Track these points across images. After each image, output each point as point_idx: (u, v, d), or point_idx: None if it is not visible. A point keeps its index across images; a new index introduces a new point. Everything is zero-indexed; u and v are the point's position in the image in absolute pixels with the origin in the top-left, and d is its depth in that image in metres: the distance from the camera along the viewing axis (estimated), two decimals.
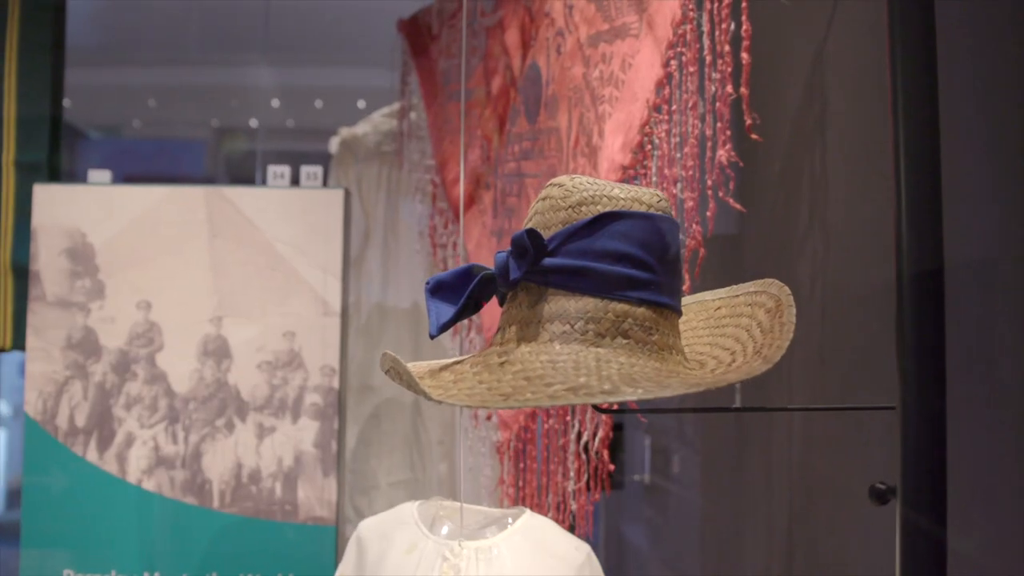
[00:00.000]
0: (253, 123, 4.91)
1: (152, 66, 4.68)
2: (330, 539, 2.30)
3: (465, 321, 2.50)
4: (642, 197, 1.10)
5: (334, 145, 3.08)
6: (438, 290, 1.15)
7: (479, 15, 2.27)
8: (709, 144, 1.55)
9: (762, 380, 1.87)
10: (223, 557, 2.28)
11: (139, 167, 5.06)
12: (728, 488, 2.37)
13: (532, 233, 1.06)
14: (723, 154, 1.52)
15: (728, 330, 1.20)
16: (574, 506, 1.88)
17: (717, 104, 1.53)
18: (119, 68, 4.70)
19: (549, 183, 1.16)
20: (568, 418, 1.90)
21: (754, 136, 1.49)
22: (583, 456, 1.85)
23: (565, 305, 1.05)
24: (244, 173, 4.72)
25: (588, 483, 1.84)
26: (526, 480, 2.05)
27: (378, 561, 1.64)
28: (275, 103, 4.90)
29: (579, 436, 1.86)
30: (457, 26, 2.41)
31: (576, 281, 1.05)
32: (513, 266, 1.07)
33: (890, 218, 1.44)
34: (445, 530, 1.67)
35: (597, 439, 1.78)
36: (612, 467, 1.78)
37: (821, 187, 1.67)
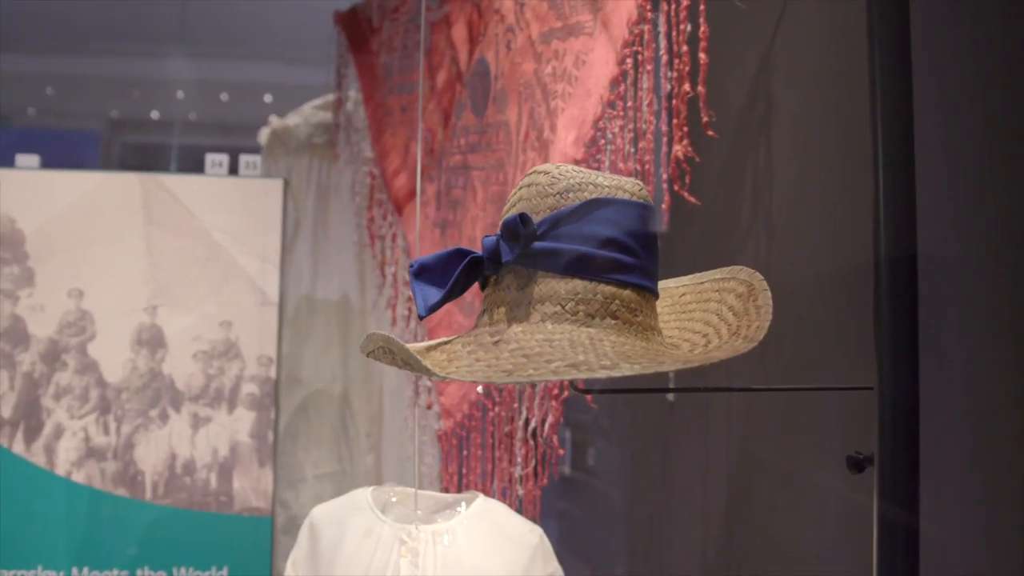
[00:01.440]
0: (155, 115, 4.81)
1: (48, 54, 4.54)
2: (266, 530, 2.29)
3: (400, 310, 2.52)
4: (625, 185, 1.14)
5: (264, 136, 3.05)
6: (422, 272, 1.18)
7: (424, 9, 2.29)
8: (665, 139, 1.61)
9: (699, 369, 1.95)
10: (155, 550, 2.25)
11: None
12: (657, 476, 2.44)
13: (524, 217, 1.09)
14: (679, 149, 1.58)
15: (696, 315, 1.25)
16: (521, 491, 1.92)
17: (674, 101, 1.59)
18: (11, 56, 4.53)
19: (533, 171, 1.19)
20: (515, 405, 1.94)
21: (710, 133, 1.56)
22: (531, 442, 1.89)
23: (555, 287, 1.09)
24: (144, 166, 4.61)
25: (536, 469, 1.88)
26: (470, 467, 2.08)
27: (333, 546, 1.65)
28: (180, 95, 4.81)
29: (527, 423, 1.90)
30: (400, 20, 2.43)
31: (565, 264, 1.09)
32: (505, 249, 1.10)
33: (834, 211, 1.53)
34: (400, 515, 1.69)
35: (547, 425, 1.83)
36: (561, 452, 1.83)
37: (766, 182, 1.75)
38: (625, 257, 1.10)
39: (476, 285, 1.19)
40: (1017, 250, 1.01)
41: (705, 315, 1.24)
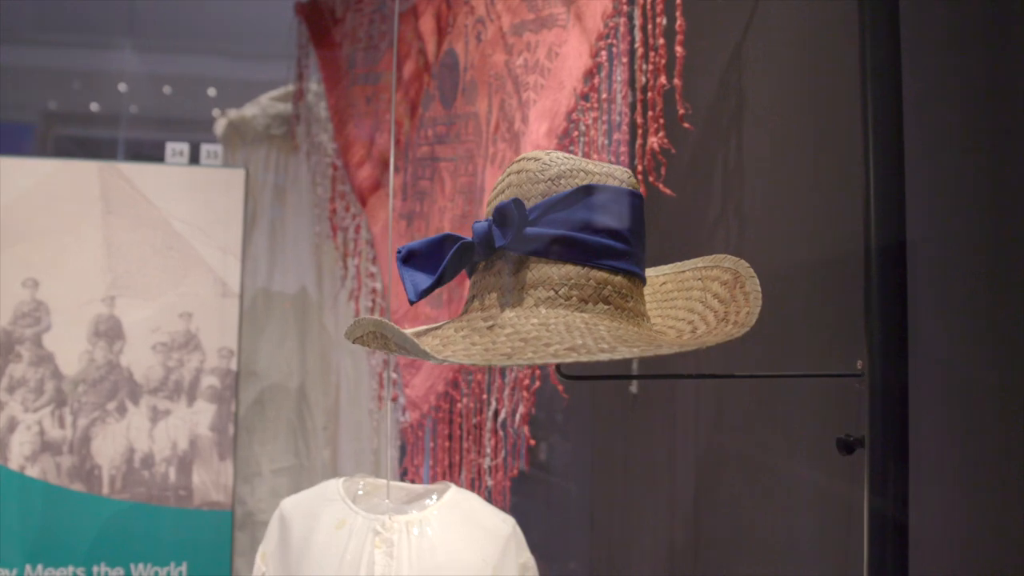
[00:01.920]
0: (94, 107, 4.72)
1: None
2: (226, 524, 2.26)
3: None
4: (614, 173, 1.15)
5: (220, 127, 3.00)
6: (410, 258, 1.17)
7: (390, 0, 2.28)
8: (640, 131, 1.63)
9: (667, 360, 1.97)
10: (112, 546, 2.20)
11: None
12: (619, 468, 2.46)
13: (518, 203, 1.09)
14: (655, 141, 1.59)
15: (679, 303, 1.27)
16: (490, 482, 1.92)
17: (649, 94, 1.60)
18: None
19: (521, 157, 1.19)
20: (484, 396, 1.94)
21: (686, 125, 1.57)
22: (500, 433, 1.89)
23: (548, 272, 1.09)
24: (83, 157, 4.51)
25: (506, 459, 1.88)
26: (436, 459, 2.08)
27: (305, 538, 1.64)
28: (122, 87, 4.72)
29: (496, 414, 1.90)
30: (364, 10, 2.41)
31: (558, 249, 1.09)
32: (498, 234, 1.10)
33: (804, 203, 1.55)
34: (371, 506, 1.67)
35: (518, 416, 1.83)
36: (533, 442, 1.83)
37: (736, 175, 1.77)
38: (616, 243, 1.11)
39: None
40: (993, 238, 1.04)
41: (688, 303, 1.25)
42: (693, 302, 1.24)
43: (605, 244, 1.10)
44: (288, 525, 1.67)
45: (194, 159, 2.35)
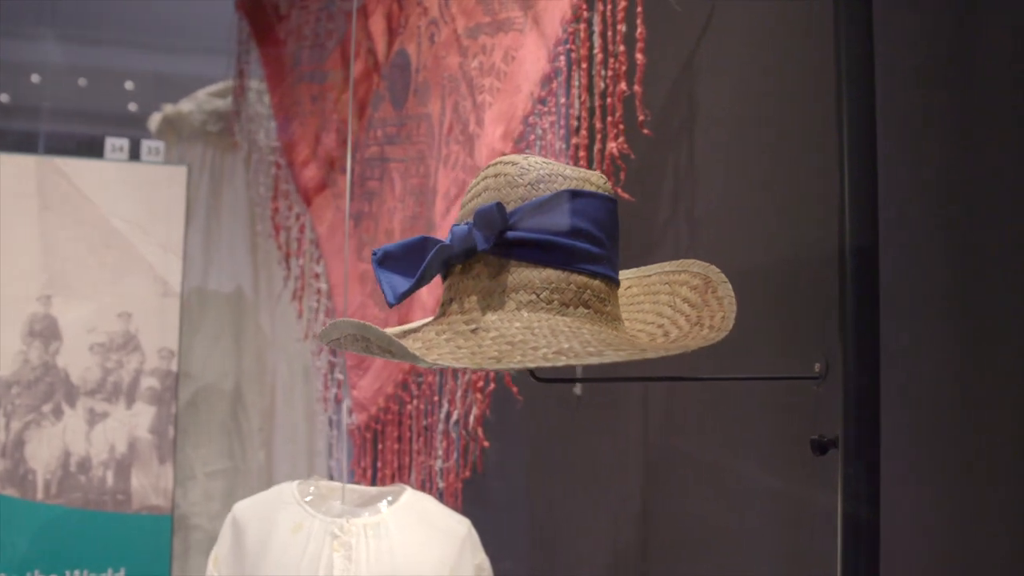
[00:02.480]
0: (3, 98, 4.57)
1: None
2: (165, 529, 2.21)
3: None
4: (590, 178, 1.17)
5: (155, 122, 2.94)
6: (385, 260, 1.17)
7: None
8: (599, 136, 1.65)
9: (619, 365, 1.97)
10: (47, 553, 2.14)
11: None
12: (562, 470, 2.48)
13: (499, 207, 1.10)
14: (614, 147, 1.61)
15: (646, 307, 1.29)
16: (441, 484, 1.93)
17: (609, 100, 1.62)
18: None
19: (497, 161, 1.20)
20: (436, 398, 1.94)
21: (646, 131, 1.60)
22: (452, 435, 1.90)
23: (529, 276, 1.10)
24: None
25: (457, 462, 1.89)
26: (385, 461, 2.07)
27: (261, 542, 1.62)
28: (35, 78, 4.58)
29: (448, 416, 1.90)
30: (310, 8, 2.39)
31: (539, 253, 1.10)
32: (480, 238, 1.10)
33: (757, 208, 1.59)
34: (326, 509, 1.67)
35: (472, 417, 1.83)
36: (486, 444, 1.84)
37: (688, 180, 1.80)
38: (594, 248, 1.13)
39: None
40: (957, 238, 1.09)
41: (656, 307, 1.27)
42: (661, 306, 1.26)
43: (584, 249, 1.11)
44: (242, 529, 1.65)
45: (134, 155, 2.30)
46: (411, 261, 1.16)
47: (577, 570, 2.21)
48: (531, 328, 1.05)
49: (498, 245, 1.11)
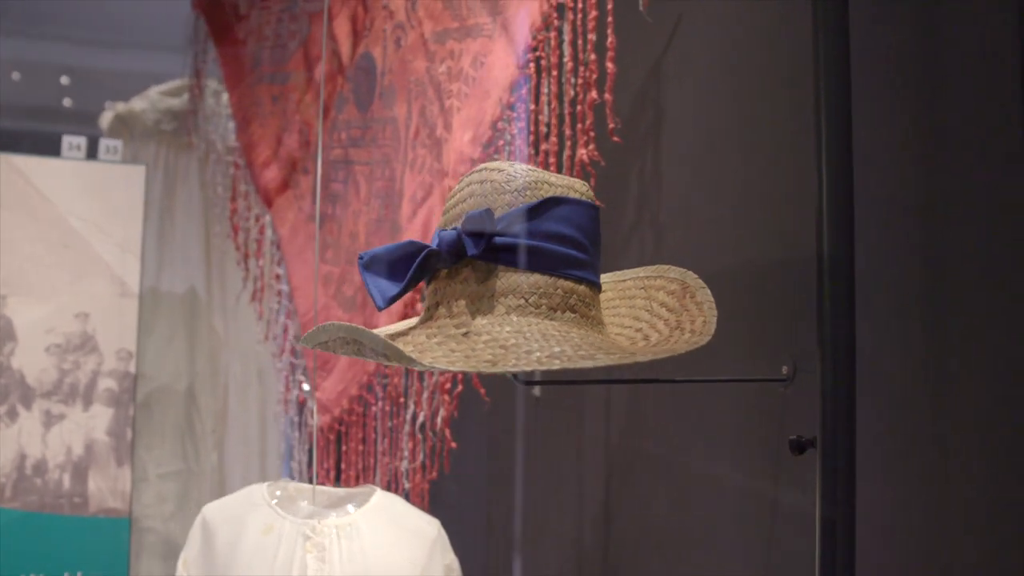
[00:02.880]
0: None
1: None
2: (124, 531, 2.19)
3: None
4: (574, 185, 1.20)
5: (106, 120, 2.89)
6: (372, 265, 1.19)
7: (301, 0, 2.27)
8: (569, 143, 1.68)
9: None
10: (2, 556, 2.10)
11: None
12: (521, 472, 2.50)
13: (488, 213, 1.12)
14: (584, 153, 1.65)
15: (622, 311, 1.32)
16: (407, 485, 1.94)
17: (579, 107, 1.66)
18: None
19: (482, 168, 1.22)
20: (402, 400, 1.95)
21: (615, 139, 1.64)
22: (418, 436, 1.91)
23: (517, 280, 1.13)
24: None
25: (424, 462, 1.90)
26: (349, 462, 2.08)
27: (232, 543, 1.62)
28: (15, 76, 4.48)
29: (415, 417, 1.92)
30: (271, 9, 2.38)
31: (527, 259, 1.13)
32: (469, 243, 1.13)
33: (722, 213, 1.63)
34: (296, 510, 1.67)
35: (440, 418, 1.85)
36: (454, 444, 1.86)
37: (653, 185, 1.84)
38: (579, 254, 1.16)
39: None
40: (926, 243, 1.14)
41: (633, 311, 1.31)
42: (638, 310, 1.30)
43: (570, 254, 1.14)
44: (212, 531, 1.64)
45: (92, 154, 2.27)
46: (398, 265, 1.18)
47: (543, 570, 2.23)
48: (522, 332, 1.07)
49: (486, 250, 1.13)
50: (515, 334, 1.07)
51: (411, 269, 1.15)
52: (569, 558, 2.17)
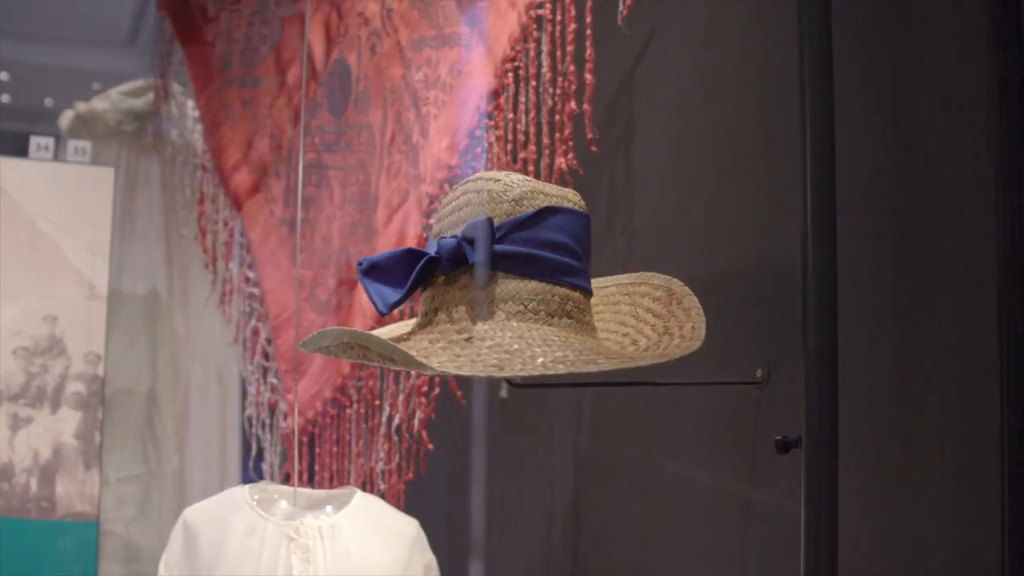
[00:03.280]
0: None
1: None
2: (92, 535, 2.18)
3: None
4: (567, 195, 1.24)
5: (66, 120, 2.86)
6: (371, 271, 1.22)
7: (273, 4, 2.27)
8: (547, 152, 1.72)
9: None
10: None
11: None
12: (487, 472, 2.53)
13: (489, 222, 1.16)
14: (563, 162, 1.69)
15: (606, 316, 1.37)
16: (383, 487, 1.97)
17: (557, 117, 1.70)
18: None
19: (478, 177, 1.25)
20: (377, 402, 1.98)
21: (594, 148, 1.68)
22: (394, 438, 1.94)
23: (516, 287, 1.16)
24: None
25: (400, 464, 1.93)
26: (323, 464, 2.10)
27: (215, 545, 1.63)
28: None
29: (390, 419, 1.94)
30: (242, 11, 2.38)
31: (525, 266, 1.17)
32: (470, 251, 1.16)
33: (694, 220, 1.68)
34: (277, 511, 1.69)
35: (417, 420, 1.88)
36: (431, 446, 1.89)
37: (625, 193, 1.88)
38: (574, 261, 1.20)
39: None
40: (901, 244, 1.20)
41: (618, 316, 1.35)
42: (623, 316, 1.34)
43: (566, 262, 1.19)
44: (194, 533, 1.65)
45: (60, 155, 2.26)
46: (398, 272, 1.21)
47: (512, 570, 2.27)
48: (523, 337, 1.11)
49: (488, 258, 1.17)
50: (517, 339, 1.11)
51: (412, 275, 1.18)
52: (539, 558, 2.20)
